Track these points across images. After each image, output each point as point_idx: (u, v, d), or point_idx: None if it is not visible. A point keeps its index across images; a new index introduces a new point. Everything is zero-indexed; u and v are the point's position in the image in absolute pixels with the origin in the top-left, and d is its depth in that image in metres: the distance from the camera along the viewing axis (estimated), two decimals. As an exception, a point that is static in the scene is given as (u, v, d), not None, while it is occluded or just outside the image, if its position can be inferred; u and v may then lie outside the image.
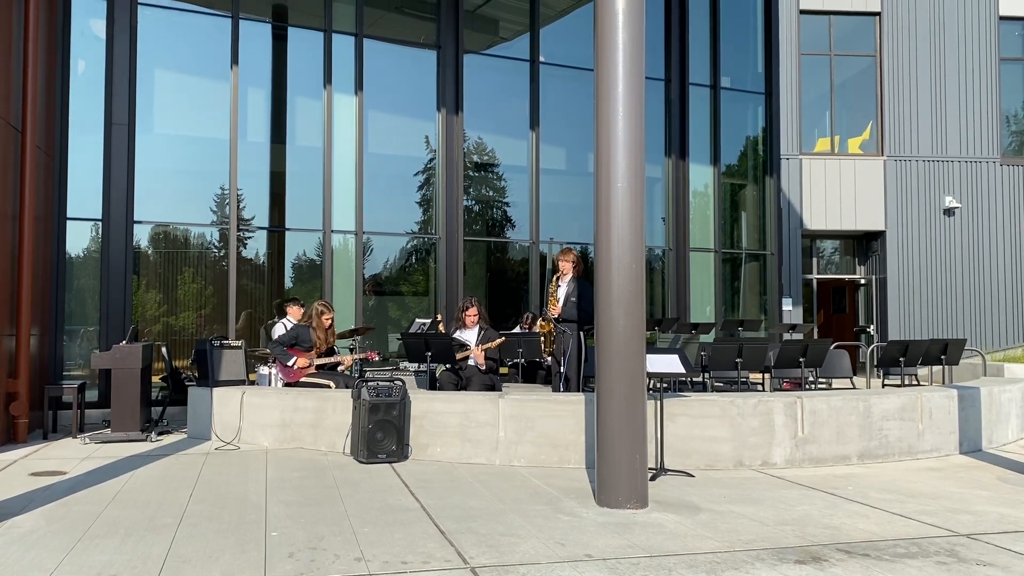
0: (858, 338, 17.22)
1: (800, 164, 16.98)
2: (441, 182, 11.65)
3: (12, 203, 8.07)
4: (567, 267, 8.16)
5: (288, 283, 11.10)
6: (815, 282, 17.78)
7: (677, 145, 13.37)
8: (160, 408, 9.08)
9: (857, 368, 12.81)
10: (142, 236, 10.19)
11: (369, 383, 6.99)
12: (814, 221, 17.00)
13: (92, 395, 9.43)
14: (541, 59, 12.38)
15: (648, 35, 5.78)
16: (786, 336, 11.86)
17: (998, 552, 4.44)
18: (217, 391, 8.00)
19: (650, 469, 5.80)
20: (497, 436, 6.95)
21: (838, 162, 17.11)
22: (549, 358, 8.76)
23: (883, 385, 10.36)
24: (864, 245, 17.74)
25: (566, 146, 12.93)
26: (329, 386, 8.08)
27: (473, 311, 8.81)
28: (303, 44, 11.15)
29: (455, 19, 11.77)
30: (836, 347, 10.10)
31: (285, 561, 4.12)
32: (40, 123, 8.69)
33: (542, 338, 8.69)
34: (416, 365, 9.17)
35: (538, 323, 9.27)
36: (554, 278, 8.34)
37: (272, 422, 7.72)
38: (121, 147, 9.84)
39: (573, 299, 8.07)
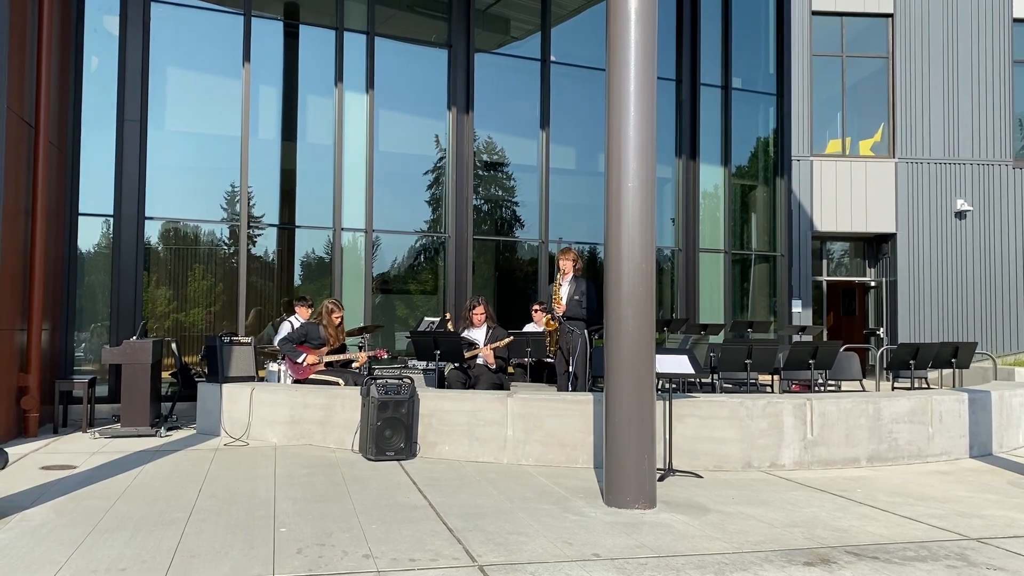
0: (868, 341, 17.16)
1: (811, 166, 16.92)
2: (451, 181, 11.65)
3: (25, 198, 8.12)
4: (567, 266, 8.33)
5: (297, 280, 11.12)
6: (825, 284, 17.72)
7: (688, 145, 13.34)
8: (170, 404, 9.12)
9: (867, 371, 12.76)
10: (153, 232, 10.23)
11: (378, 381, 7.00)
12: (824, 223, 16.95)
13: (102, 390, 9.48)
14: (552, 58, 12.37)
15: (659, 35, 5.77)
16: (795, 338, 11.82)
17: (1009, 557, 4.42)
18: (226, 387, 8.03)
19: (658, 469, 5.79)
20: (505, 435, 6.96)
21: (849, 164, 17.04)
22: (554, 357, 8.77)
23: (892, 388, 10.31)
24: (875, 247, 17.67)
25: (576, 146, 12.92)
26: (338, 383, 8.10)
27: (480, 310, 8.87)
28: (315, 42, 11.17)
29: (466, 18, 11.78)
30: (846, 349, 10.06)
31: (293, 557, 4.14)
32: (53, 119, 8.74)
33: (547, 337, 8.71)
34: (424, 363, 9.18)
35: (544, 321, 9.29)
36: (557, 277, 8.43)
37: (281, 419, 7.75)
38: (133, 143, 9.88)
39: (577, 297, 8.17)
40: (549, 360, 9.04)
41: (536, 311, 9.74)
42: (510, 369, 9.29)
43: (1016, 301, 17.20)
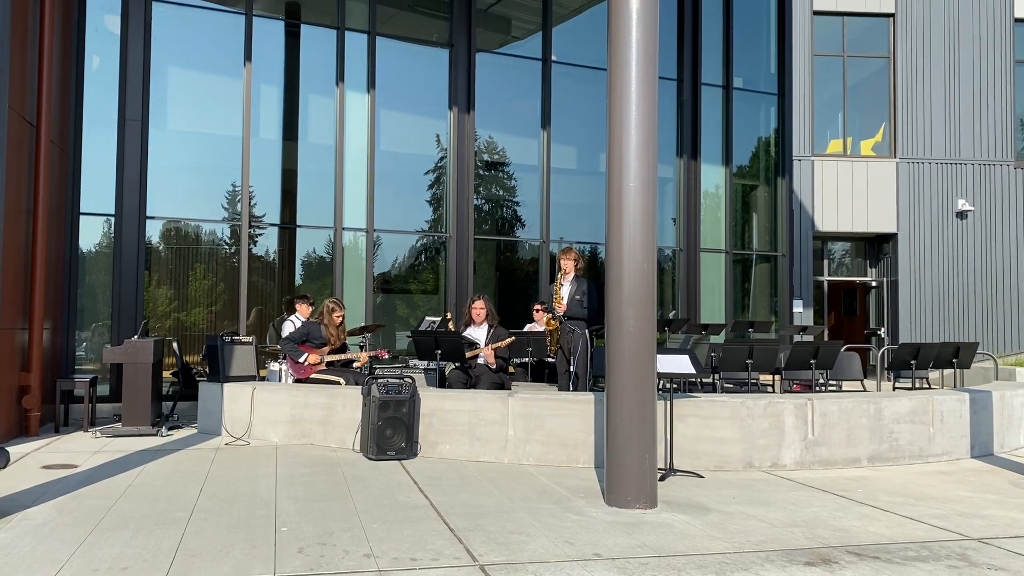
0: (869, 341, 17.15)
1: (812, 165, 16.91)
2: (452, 180, 11.66)
3: (26, 198, 8.12)
4: (568, 265, 8.34)
5: (298, 280, 11.13)
6: (826, 284, 17.72)
7: (689, 145, 13.34)
8: (171, 403, 9.12)
9: (868, 371, 12.75)
10: (154, 232, 10.23)
11: (379, 380, 7.00)
12: (826, 223, 16.94)
13: (103, 389, 9.49)
14: (553, 58, 12.37)
15: (661, 35, 5.76)
16: (796, 338, 11.81)
17: (1010, 557, 4.42)
18: (228, 387, 8.03)
19: (659, 469, 5.78)
20: (506, 435, 6.96)
21: (850, 164, 17.03)
22: (555, 356, 8.77)
23: (894, 388, 10.31)
24: (876, 247, 17.66)
25: (577, 145, 12.92)
26: (339, 383, 8.10)
27: (480, 304, 8.90)
28: (316, 42, 11.17)
29: (467, 18, 11.78)
30: (847, 349, 10.06)
31: (294, 556, 4.14)
32: (55, 119, 8.74)
33: (548, 336, 8.73)
34: (425, 363, 9.19)
35: (545, 320, 9.31)
36: (558, 276, 8.44)
37: (282, 418, 7.75)
38: (134, 143, 9.89)
39: (578, 297, 8.18)
40: (550, 360, 9.04)
41: (537, 311, 9.75)
42: (511, 369, 9.29)
43: (1017, 301, 17.19)
